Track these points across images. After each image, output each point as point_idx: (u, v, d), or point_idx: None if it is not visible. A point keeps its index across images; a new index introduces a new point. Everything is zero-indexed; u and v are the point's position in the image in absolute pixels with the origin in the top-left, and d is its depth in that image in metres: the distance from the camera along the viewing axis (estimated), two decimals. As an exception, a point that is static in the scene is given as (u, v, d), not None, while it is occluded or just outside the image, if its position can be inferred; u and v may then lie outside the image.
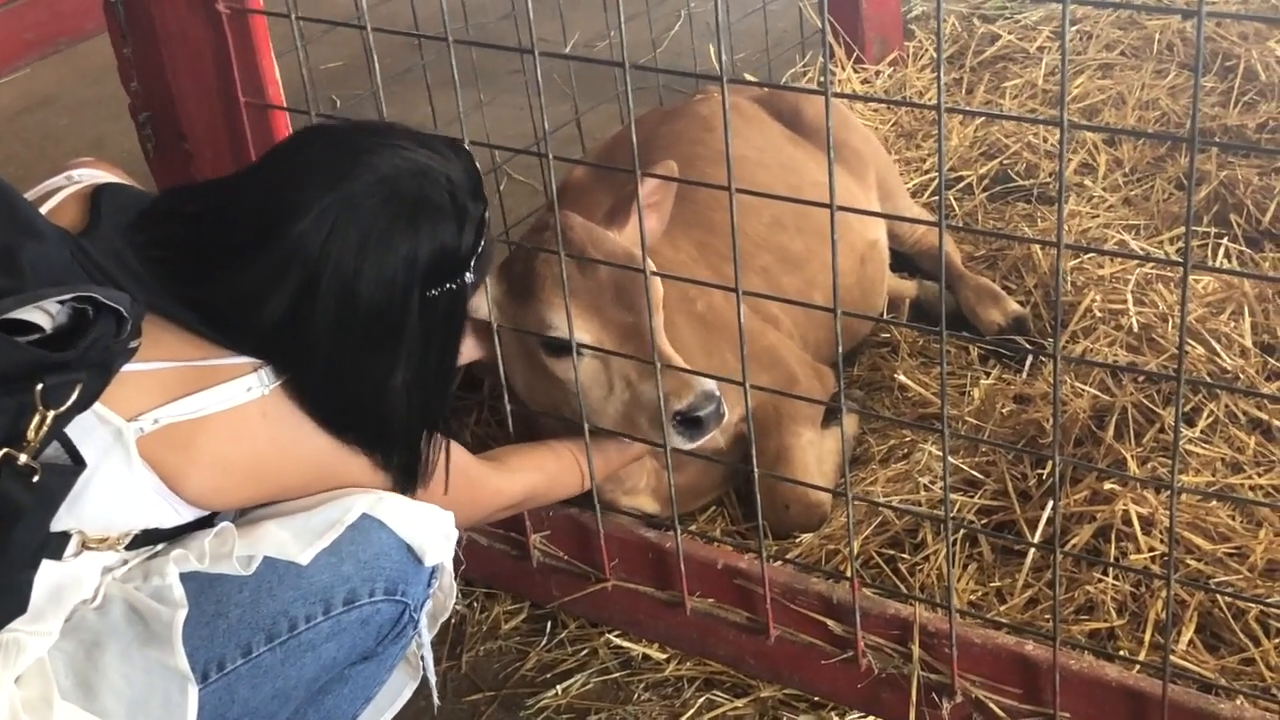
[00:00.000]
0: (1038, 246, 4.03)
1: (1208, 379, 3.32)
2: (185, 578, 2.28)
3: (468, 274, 2.44)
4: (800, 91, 3.96)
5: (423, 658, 2.63)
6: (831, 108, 2.32)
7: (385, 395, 2.39)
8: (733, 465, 3.28)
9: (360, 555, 2.37)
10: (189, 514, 2.31)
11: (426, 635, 2.57)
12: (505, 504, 2.89)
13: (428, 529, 2.45)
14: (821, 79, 5.16)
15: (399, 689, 2.72)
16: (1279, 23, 4.79)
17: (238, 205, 2.39)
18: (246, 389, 2.30)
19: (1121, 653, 2.86)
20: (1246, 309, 3.50)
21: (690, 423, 2.80)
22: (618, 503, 3.22)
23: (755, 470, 2.80)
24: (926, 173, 4.65)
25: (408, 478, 2.50)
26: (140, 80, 3.13)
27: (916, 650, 2.75)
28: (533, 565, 3.16)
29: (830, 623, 2.83)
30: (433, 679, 2.67)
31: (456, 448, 2.66)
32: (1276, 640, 2.83)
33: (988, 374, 3.63)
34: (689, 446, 2.84)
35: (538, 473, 2.91)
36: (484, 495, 2.77)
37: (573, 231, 2.84)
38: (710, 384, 2.81)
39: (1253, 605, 2.87)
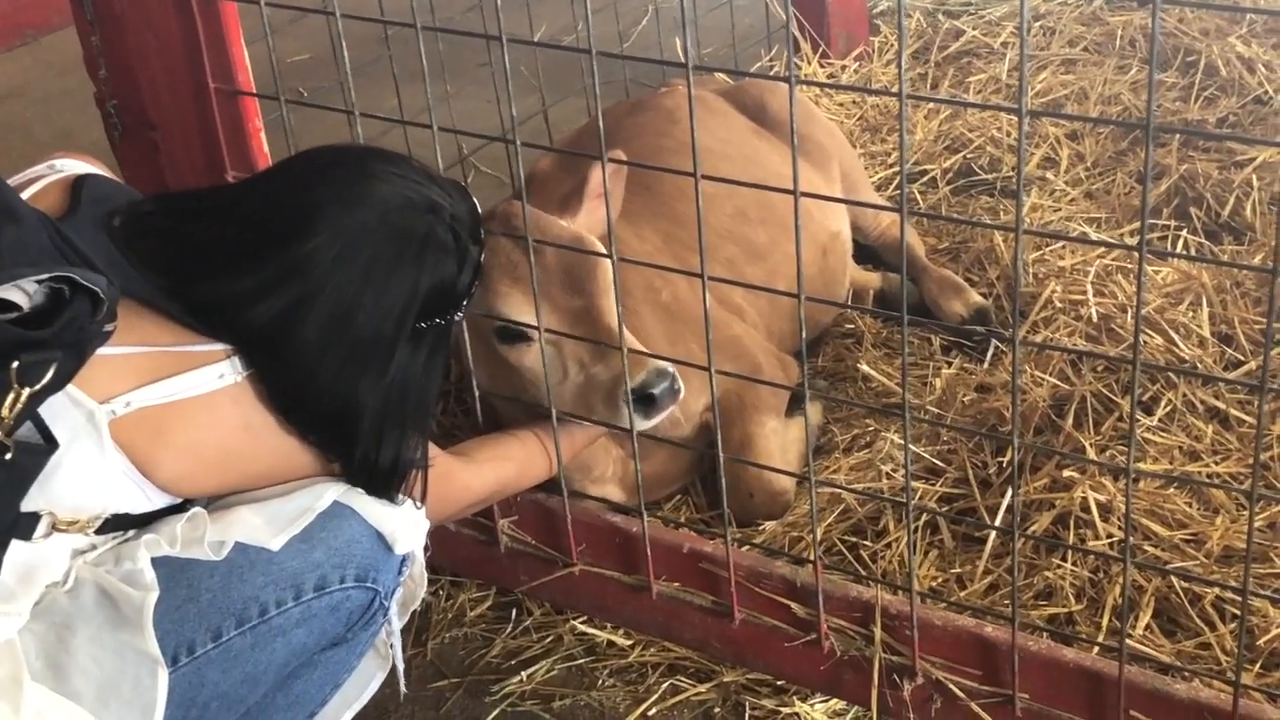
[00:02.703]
0: (1000, 239, 4.07)
1: (1164, 365, 3.36)
2: (156, 562, 2.30)
3: (460, 310, 2.50)
4: (765, 79, 3.96)
5: (392, 646, 2.64)
6: (796, 98, 2.34)
7: (358, 414, 2.42)
8: (698, 450, 3.31)
9: (332, 542, 2.38)
10: (160, 500, 2.33)
11: (396, 623, 2.59)
12: (475, 499, 2.92)
13: (399, 517, 2.47)
14: (787, 74, 5.20)
15: (368, 677, 2.73)
16: (1235, 10, 4.83)
17: (245, 209, 2.43)
18: (219, 375, 2.31)
19: (1080, 637, 2.90)
20: (1205, 300, 3.54)
21: (644, 400, 2.81)
22: (585, 491, 3.25)
23: (720, 456, 2.82)
24: (891, 166, 4.69)
25: (375, 487, 2.51)
26: (108, 68, 3.14)
27: (879, 632, 2.78)
28: (500, 550, 3.18)
29: (794, 605, 2.86)
30: (401, 667, 2.69)
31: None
32: (1232, 625, 2.87)
33: (950, 364, 3.66)
34: (645, 425, 2.86)
35: (505, 463, 2.93)
36: (453, 491, 2.79)
37: (517, 219, 2.87)
38: (663, 362, 2.83)
39: (1208, 590, 2.91)
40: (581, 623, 3.19)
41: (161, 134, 3.17)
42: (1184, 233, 3.99)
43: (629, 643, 3.14)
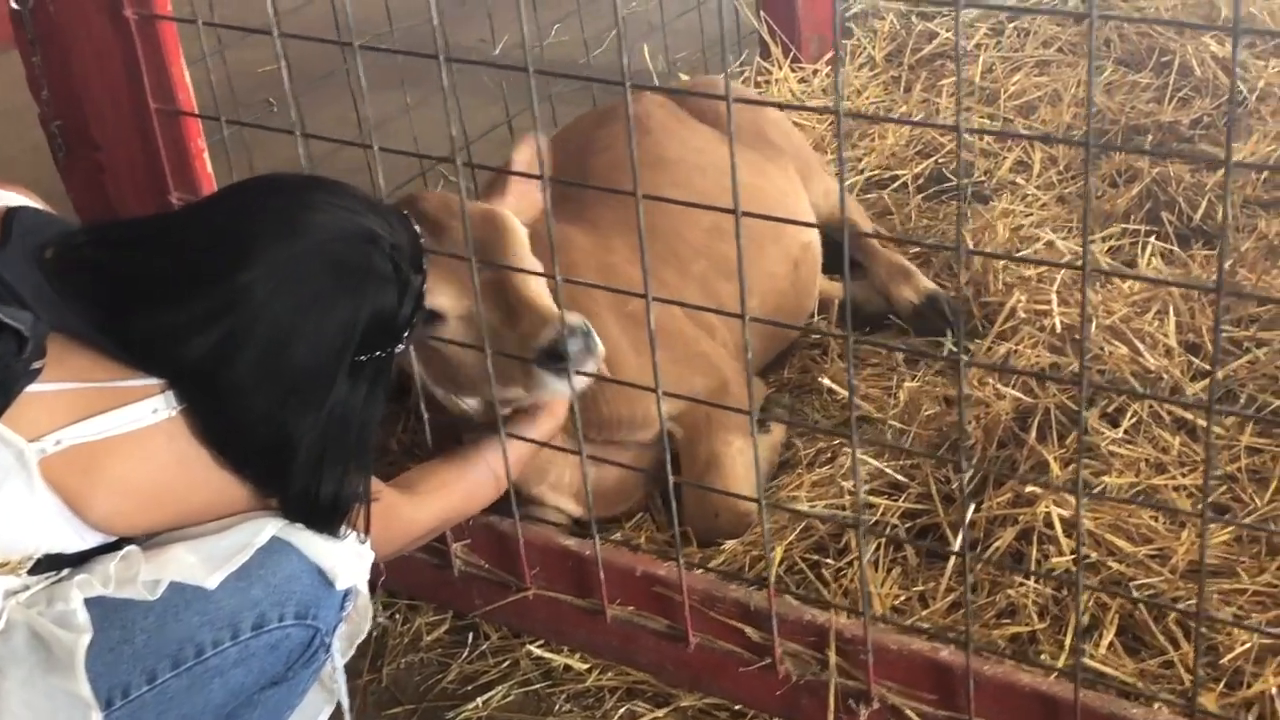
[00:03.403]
0: (970, 243, 4.02)
1: (1131, 379, 3.31)
2: (90, 603, 2.25)
3: (400, 342, 2.44)
4: (706, 97, 3.91)
5: (336, 682, 2.59)
6: (753, 112, 2.30)
7: (294, 450, 2.36)
8: (648, 471, 3.26)
9: (270, 579, 2.33)
10: (93, 538, 2.28)
11: (339, 659, 2.54)
12: (420, 533, 2.85)
13: (340, 552, 2.42)
14: (759, 79, 5.16)
15: (315, 711, 2.68)
16: (1170, 24, 4.79)
17: (178, 240, 2.37)
18: (152, 410, 2.26)
19: (1043, 656, 2.85)
20: (1172, 309, 3.49)
21: (557, 358, 2.73)
22: (544, 497, 3.21)
23: (670, 478, 2.76)
24: (861, 172, 4.64)
25: (316, 522, 2.45)
26: (50, 89, 3.09)
27: (834, 657, 2.73)
28: (454, 574, 3.13)
29: (748, 630, 2.82)
30: (346, 703, 2.64)
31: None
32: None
33: (913, 377, 3.61)
34: (561, 387, 2.77)
35: (450, 494, 2.86)
36: (397, 527, 2.72)
37: (424, 204, 2.82)
38: (576, 317, 2.74)
39: (1173, 607, 2.86)
40: (538, 647, 3.14)
41: (105, 154, 3.12)
42: (1153, 238, 3.93)
43: (586, 667, 3.09)
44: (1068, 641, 2.87)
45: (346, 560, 2.43)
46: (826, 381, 3.61)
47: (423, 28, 4.70)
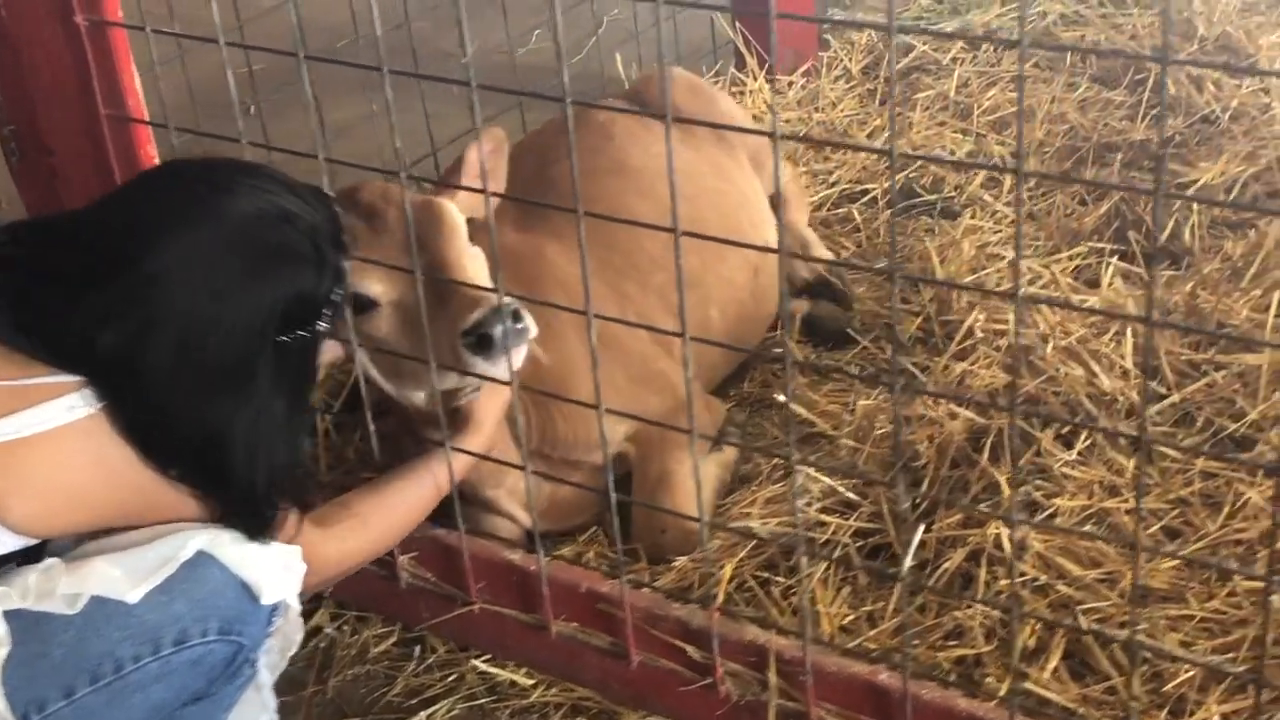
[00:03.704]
0: (936, 260, 4.00)
1: (1085, 401, 3.29)
2: (9, 615, 2.23)
3: (322, 321, 2.41)
4: (642, 114, 3.89)
5: (265, 702, 2.56)
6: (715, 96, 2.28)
7: (225, 443, 2.34)
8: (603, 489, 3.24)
9: (193, 594, 2.31)
10: (13, 542, 2.26)
11: (266, 675, 2.50)
12: (335, 570, 2.78)
13: (266, 565, 2.40)
14: (733, 90, 5.14)
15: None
16: (1103, 54, 4.77)
17: (88, 235, 2.35)
18: (69, 408, 2.24)
19: (989, 679, 2.84)
20: (1129, 330, 3.47)
21: (484, 341, 2.69)
22: (499, 502, 3.19)
23: (612, 497, 2.74)
24: (833, 185, 4.62)
25: (249, 529, 2.43)
26: (3, 93, 3.08)
27: (774, 678, 2.72)
28: (401, 586, 3.11)
29: (690, 649, 2.80)
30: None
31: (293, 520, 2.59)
32: (1141, 669, 2.80)
33: (869, 395, 3.59)
34: (491, 370, 2.72)
35: (369, 529, 2.79)
36: (313, 565, 2.62)
37: (363, 193, 2.82)
38: (507, 299, 2.70)
39: (1118, 632, 2.85)
40: (484, 661, 3.12)
41: (58, 159, 3.12)
42: (1115, 258, 3.91)
43: (531, 682, 3.07)
44: (1013, 664, 2.86)
45: (273, 574, 2.40)
46: (781, 397, 3.60)
47: (388, 34, 4.71)
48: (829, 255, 4.12)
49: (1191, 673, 2.74)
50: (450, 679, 3.13)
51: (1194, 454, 3.15)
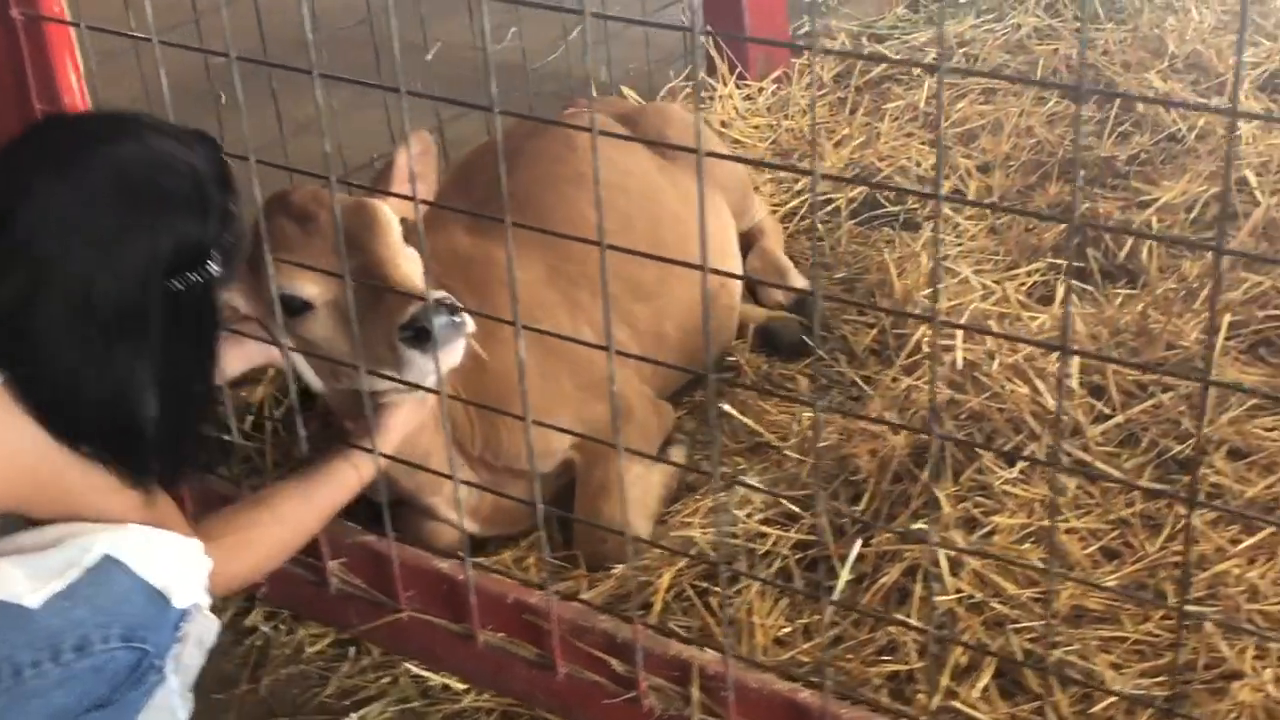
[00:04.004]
0: (894, 272, 3.99)
1: (1030, 419, 3.27)
2: None
3: (213, 265, 2.37)
4: (571, 127, 3.87)
5: (172, 705, 2.52)
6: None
7: (131, 395, 2.30)
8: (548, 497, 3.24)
9: (96, 599, 2.27)
10: None
11: (175, 680, 2.45)
12: (266, 563, 2.77)
13: (175, 568, 2.37)
14: (704, 95, 5.12)
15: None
16: (1019, 81, 4.75)
17: None
18: None
19: (919, 696, 2.83)
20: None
21: (421, 335, 2.68)
22: (437, 509, 3.17)
23: (539, 507, 2.73)
24: (799, 194, 4.61)
25: (167, 479, 2.43)
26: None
27: (696, 693, 2.71)
28: (331, 592, 3.10)
29: (614, 662, 2.79)
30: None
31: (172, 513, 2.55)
32: (1071, 690, 2.79)
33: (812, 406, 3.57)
34: (427, 365, 2.72)
35: (256, 549, 2.73)
36: (232, 567, 2.61)
37: (294, 196, 2.83)
38: (442, 293, 2.70)
39: (1051, 652, 2.83)
40: (417, 666, 3.11)
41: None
42: (1062, 277, 3.90)
43: (463, 687, 3.06)
44: (943, 681, 2.85)
45: (183, 575, 2.38)
46: (726, 407, 3.59)
47: (354, 29, 4.70)
48: (803, 282, 4.09)
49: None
50: (384, 681, 3.12)
51: (1108, 480, 3.13)
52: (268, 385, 3.78)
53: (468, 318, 2.71)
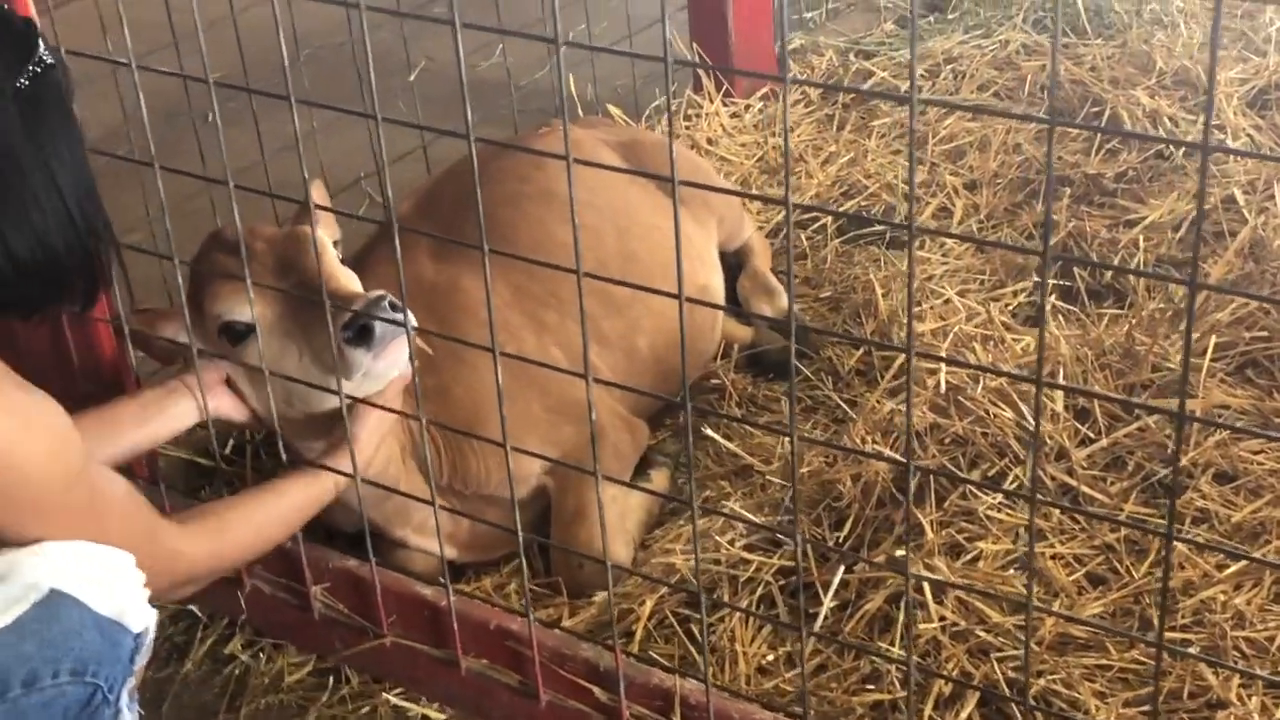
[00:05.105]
0: (880, 292, 3.97)
1: (1014, 444, 3.25)
2: None
3: (43, 50, 2.35)
4: (547, 155, 3.85)
5: None
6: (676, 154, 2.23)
7: (31, 207, 2.27)
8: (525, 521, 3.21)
9: (44, 634, 2.20)
10: None
11: (129, 715, 2.41)
12: (190, 570, 2.61)
13: (122, 590, 2.30)
14: (690, 112, 5.11)
15: None
16: (992, 113, 4.74)
17: None
18: None
19: (902, 726, 2.82)
20: (1062, 372, 3.44)
21: (363, 333, 2.66)
22: (408, 541, 3.16)
23: (519, 535, 2.71)
24: (782, 211, 4.58)
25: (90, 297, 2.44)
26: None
27: (678, 723, 2.69)
28: (314, 617, 3.08)
29: (597, 690, 2.77)
30: None
31: (133, 495, 2.48)
32: (1053, 720, 2.78)
33: (785, 431, 3.55)
34: (372, 362, 2.70)
35: (235, 531, 2.69)
36: (162, 555, 2.49)
37: (227, 231, 2.82)
38: (379, 291, 2.68)
39: (1035, 681, 2.82)
40: (397, 695, 3.08)
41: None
42: (1053, 297, 3.88)
43: (443, 717, 3.04)
44: (926, 711, 2.83)
45: (132, 598, 2.31)
46: (708, 431, 3.57)
47: (336, 47, 4.67)
48: (776, 289, 4.09)
49: (1104, 724, 2.72)
50: (363, 711, 3.09)
51: (1079, 512, 3.11)
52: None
53: (410, 314, 2.67)
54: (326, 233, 2.95)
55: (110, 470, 2.50)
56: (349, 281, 2.85)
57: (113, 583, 2.29)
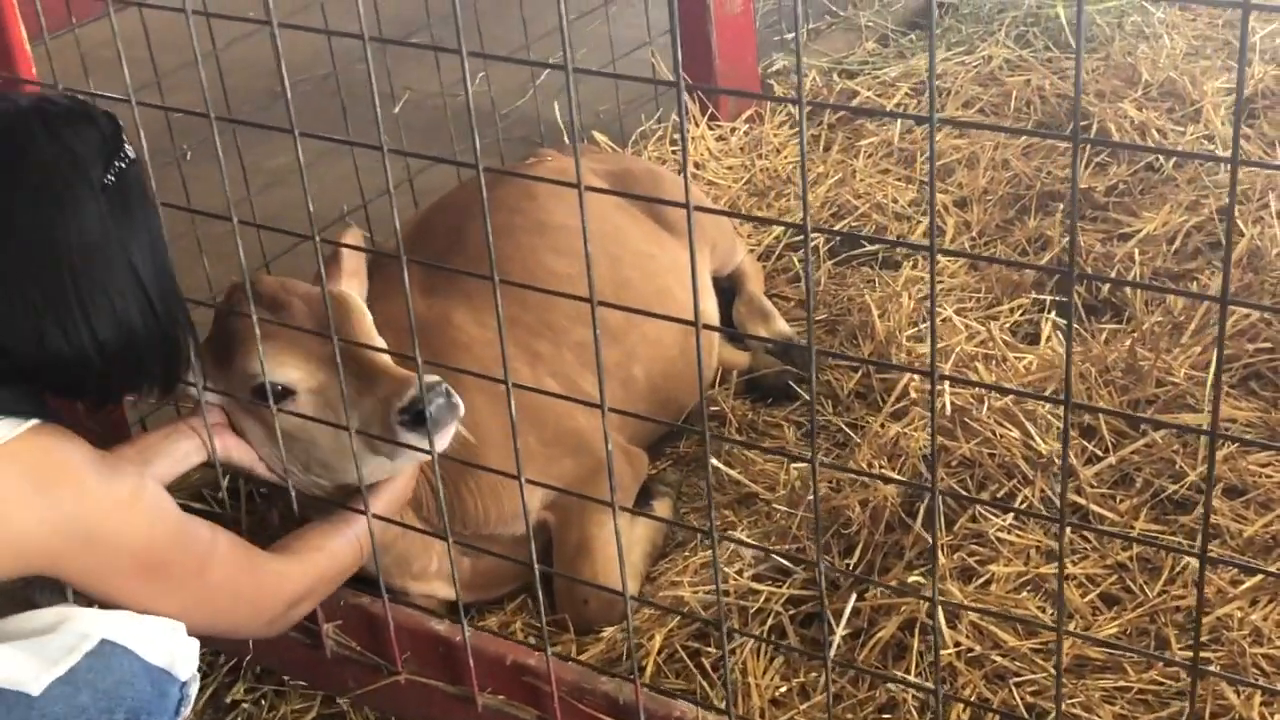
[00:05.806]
0: (876, 313, 3.95)
1: (1022, 464, 3.23)
2: None
3: (127, 146, 2.41)
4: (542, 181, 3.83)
5: None
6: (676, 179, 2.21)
7: (117, 309, 2.34)
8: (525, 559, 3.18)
9: (98, 684, 2.22)
10: None
11: None
12: (292, 593, 2.70)
13: (171, 640, 2.33)
14: (674, 135, 5.08)
15: None
16: (1002, 130, 4.74)
17: None
18: None
19: (920, 753, 2.79)
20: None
21: (418, 419, 2.65)
22: (409, 589, 3.11)
23: (535, 567, 2.67)
24: (773, 234, 4.57)
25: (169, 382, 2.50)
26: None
27: (698, 757, 2.66)
28: (327, 655, 3.04)
29: (616, 725, 2.74)
30: None
31: (225, 534, 2.55)
32: (1079, 747, 2.76)
33: (804, 459, 3.53)
34: (425, 444, 2.68)
35: (320, 555, 2.75)
36: (268, 582, 2.62)
37: (261, 284, 2.79)
38: (433, 376, 2.66)
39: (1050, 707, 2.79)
40: (405, 736, 3.05)
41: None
42: (1053, 313, 3.87)
43: (457, 757, 3.00)
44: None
45: (180, 647, 2.35)
46: (713, 460, 3.53)
47: (319, 80, 4.64)
48: (785, 326, 4.06)
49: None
50: (375, 752, 3.06)
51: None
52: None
53: (460, 401, 2.68)
54: (355, 286, 2.92)
55: (194, 516, 2.55)
56: (388, 359, 2.80)
57: (161, 632, 2.29)
